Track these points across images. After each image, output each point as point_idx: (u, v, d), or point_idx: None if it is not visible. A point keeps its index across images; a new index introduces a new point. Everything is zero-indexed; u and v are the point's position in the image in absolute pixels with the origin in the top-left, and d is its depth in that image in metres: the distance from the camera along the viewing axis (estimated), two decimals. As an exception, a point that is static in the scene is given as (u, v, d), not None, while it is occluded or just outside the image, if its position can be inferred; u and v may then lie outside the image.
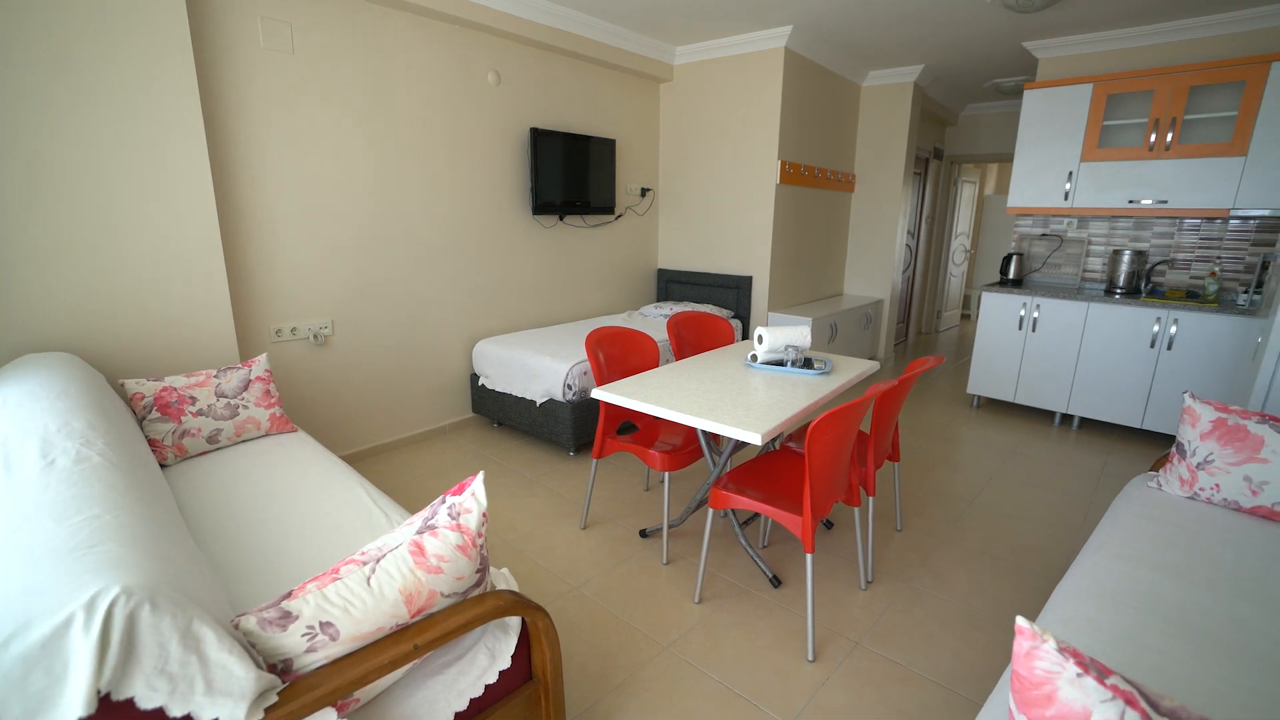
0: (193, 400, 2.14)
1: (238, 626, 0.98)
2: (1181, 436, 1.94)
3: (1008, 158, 5.96)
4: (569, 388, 3.15)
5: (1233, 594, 1.42)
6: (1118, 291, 3.88)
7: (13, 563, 0.93)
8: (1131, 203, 3.72)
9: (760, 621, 2.02)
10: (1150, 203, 3.66)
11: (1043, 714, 0.72)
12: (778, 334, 2.44)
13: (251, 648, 0.96)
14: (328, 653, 1.02)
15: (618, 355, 2.69)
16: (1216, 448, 1.84)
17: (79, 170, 2.14)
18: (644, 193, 4.76)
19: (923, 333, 6.99)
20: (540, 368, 3.25)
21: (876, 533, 2.58)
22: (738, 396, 2.08)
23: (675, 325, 3.06)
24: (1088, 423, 4.04)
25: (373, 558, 1.10)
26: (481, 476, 1.21)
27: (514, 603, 1.23)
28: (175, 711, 0.85)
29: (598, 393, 2.19)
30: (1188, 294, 3.72)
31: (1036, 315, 3.94)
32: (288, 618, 0.99)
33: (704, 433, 2.32)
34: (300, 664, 1.00)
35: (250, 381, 2.30)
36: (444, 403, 3.67)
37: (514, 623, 1.31)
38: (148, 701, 0.83)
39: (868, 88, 5.09)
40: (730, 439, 2.26)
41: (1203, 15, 3.50)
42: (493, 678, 1.24)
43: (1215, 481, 1.84)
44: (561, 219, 4.15)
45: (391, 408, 3.41)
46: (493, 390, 3.56)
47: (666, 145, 4.77)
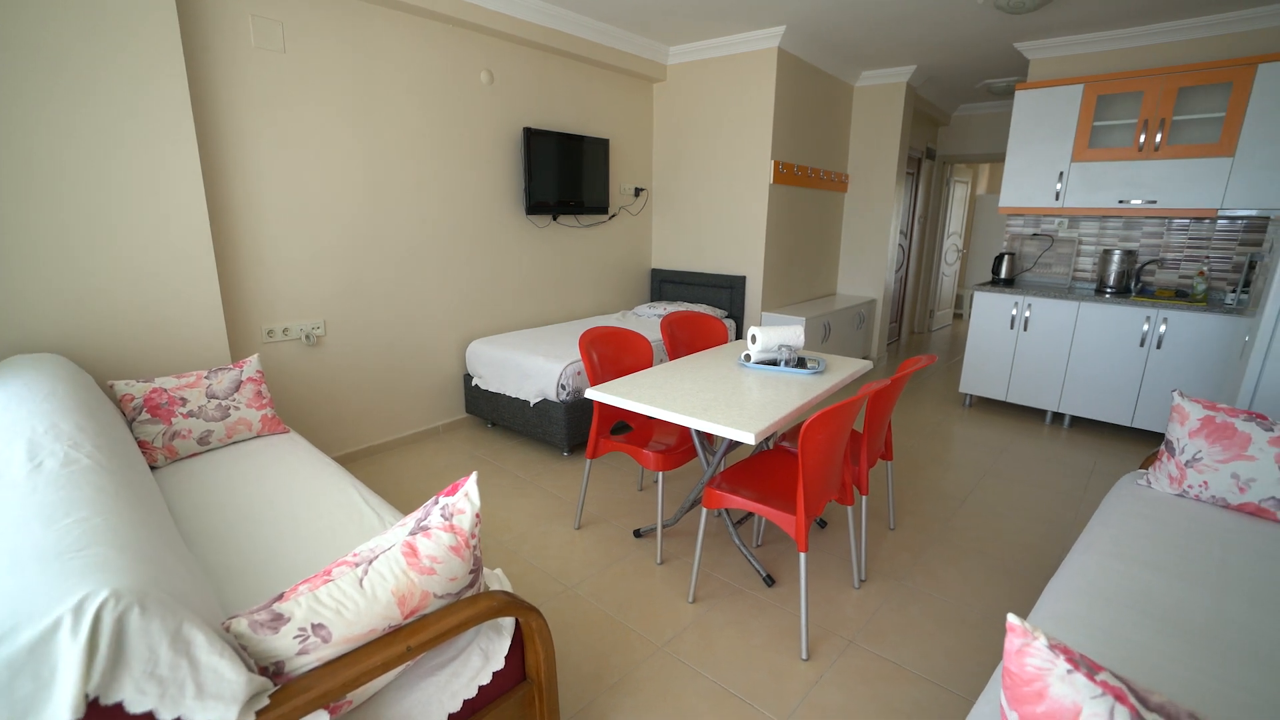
0: (183, 401, 2.13)
1: (229, 629, 0.97)
2: (1170, 434, 1.95)
3: (999, 158, 6.00)
4: (563, 388, 3.14)
5: (1221, 590, 1.44)
6: (1108, 291, 3.91)
7: (-1, 566, 0.92)
8: (1121, 203, 3.75)
9: (754, 620, 2.02)
10: (1140, 203, 3.69)
11: (1034, 710, 0.73)
12: (771, 334, 2.45)
13: (243, 650, 0.96)
14: (320, 655, 1.01)
15: (611, 355, 2.68)
16: (1205, 445, 1.86)
17: (68, 171, 2.12)
18: (638, 193, 4.76)
19: (915, 332, 7.02)
20: (534, 368, 3.24)
21: (870, 531, 2.60)
22: (731, 396, 2.09)
23: (669, 325, 3.06)
24: (1079, 421, 4.07)
25: (365, 559, 1.09)
26: (475, 477, 1.20)
27: (507, 603, 1.23)
28: (165, 715, 0.84)
29: (591, 393, 2.18)
30: (1177, 293, 3.75)
31: (1028, 314, 3.97)
32: (279, 620, 0.99)
33: (698, 432, 2.32)
34: (292, 666, 1.00)
35: (242, 382, 2.29)
36: (437, 403, 3.66)
37: (508, 623, 1.31)
38: (137, 705, 0.82)
39: (860, 88, 5.11)
40: (724, 438, 2.26)
41: (1192, 17, 3.53)
42: (486, 678, 1.24)
43: (1204, 479, 1.86)
44: (555, 219, 4.14)
45: (384, 408, 3.39)
46: (486, 390, 3.55)
47: (660, 145, 4.77)
